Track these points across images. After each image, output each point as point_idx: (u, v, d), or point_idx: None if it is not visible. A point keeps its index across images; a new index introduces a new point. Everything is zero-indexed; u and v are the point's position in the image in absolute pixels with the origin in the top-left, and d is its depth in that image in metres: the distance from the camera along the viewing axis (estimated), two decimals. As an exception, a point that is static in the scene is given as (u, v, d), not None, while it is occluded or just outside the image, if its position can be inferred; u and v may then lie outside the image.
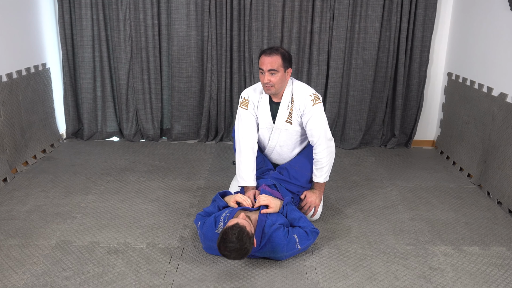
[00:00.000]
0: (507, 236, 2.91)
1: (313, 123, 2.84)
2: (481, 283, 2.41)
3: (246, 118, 2.92)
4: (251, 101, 2.92)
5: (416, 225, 3.02)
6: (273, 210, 2.65)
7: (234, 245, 2.28)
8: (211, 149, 4.47)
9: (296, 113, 2.88)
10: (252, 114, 2.93)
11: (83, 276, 2.39)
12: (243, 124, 2.92)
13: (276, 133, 2.96)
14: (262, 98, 2.92)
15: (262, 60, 2.75)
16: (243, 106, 2.93)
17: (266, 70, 2.73)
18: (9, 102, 3.65)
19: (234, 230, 2.30)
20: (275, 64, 2.73)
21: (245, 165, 2.88)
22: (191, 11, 4.31)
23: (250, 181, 2.87)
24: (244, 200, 2.69)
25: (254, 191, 2.84)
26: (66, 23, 4.31)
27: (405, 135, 4.68)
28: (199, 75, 4.52)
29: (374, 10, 4.25)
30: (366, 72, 4.40)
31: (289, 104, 2.88)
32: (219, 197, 2.80)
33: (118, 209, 3.14)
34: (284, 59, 2.76)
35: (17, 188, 3.44)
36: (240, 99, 2.97)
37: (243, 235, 2.29)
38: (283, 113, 2.90)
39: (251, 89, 2.98)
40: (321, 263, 2.55)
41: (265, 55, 2.75)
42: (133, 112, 4.59)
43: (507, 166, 3.28)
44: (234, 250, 2.29)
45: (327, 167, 2.92)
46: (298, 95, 2.87)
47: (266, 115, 2.93)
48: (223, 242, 2.30)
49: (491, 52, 3.64)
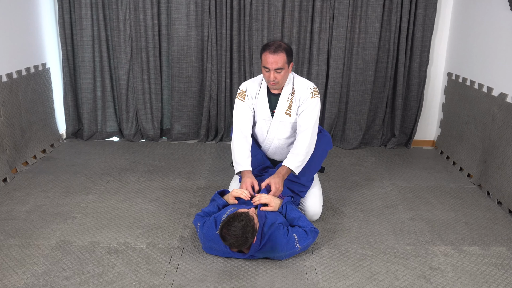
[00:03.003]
0: (507, 236, 2.91)
1: (306, 113, 2.88)
2: (481, 283, 2.41)
3: (242, 109, 2.96)
4: (249, 94, 2.95)
5: (416, 225, 3.02)
6: (273, 209, 2.66)
7: (237, 230, 2.32)
8: (211, 149, 4.47)
9: (296, 105, 2.91)
10: (248, 106, 2.96)
11: (83, 276, 2.39)
12: (238, 114, 2.97)
13: (274, 125, 2.97)
14: (260, 91, 2.94)
15: (267, 59, 2.75)
16: (240, 98, 2.97)
17: (272, 69, 2.75)
18: (9, 102, 3.65)
19: (242, 216, 2.36)
20: (280, 62, 2.75)
21: (239, 150, 2.91)
22: (191, 11, 4.31)
23: (245, 165, 2.87)
24: (240, 193, 2.71)
25: (251, 180, 2.79)
26: (66, 23, 4.31)
27: (405, 135, 4.68)
28: (199, 75, 4.52)
29: (374, 10, 4.25)
30: (366, 72, 4.40)
31: (289, 96, 2.91)
32: (218, 196, 2.81)
33: (118, 209, 3.14)
34: (288, 55, 2.79)
35: (17, 188, 3.44)
36: (238, 90, 3.01)
37: (248, 224, 2.35)
38: (282, 105, 2.92)
39: (250, 82, 3.01)
40: (321, 263, 2.55)
41: (269, 53, 2.75)
42: (133, 112, 4.59)
43: (507, 166, 3.28)
44: (235, 235, 2.33)
45: (302, 157, 2.87)
46: (299, 87, 2.91)
47: (264, 107, 2.95)
48: (227, 224, 2.34)
49: (491, 52, 3.64)
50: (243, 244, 2.38)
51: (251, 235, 2.37)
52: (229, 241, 2.36)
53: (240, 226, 2.33)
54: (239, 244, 2.37)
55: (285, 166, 2.87)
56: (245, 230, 2.34)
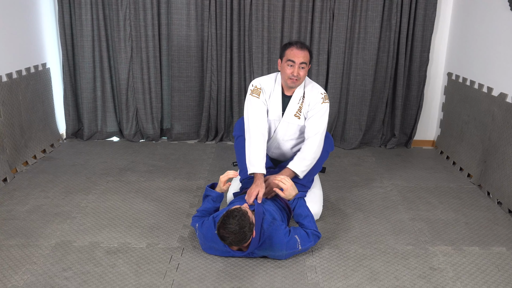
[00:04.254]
0: (507, 236, 2.91)
1: (315, 118, 2.90)
2: (481, 283, 2.41)
3: (257, 106, 2.91)
4: (264, 90, 2.93)
5: (416, 225, 3.02)
6: (285, 196, 2.67)
7: (234, 227, 2.31)
8: (211, 149, 4.47)
9: (305, 109, 2.93)
10: (263, 102, 2.93)
11: (83, 276, 2.39)
12: (254, 111, 2.90)
13: (283, 126, 2.97)
14: (274, 89, 2.93)
15: (294, 53, 2.78)
16: (255, 94, 2.92)
17: (298, 63, 2.77)
18: (9, 102, 3.65)
19: (236, 212, 2.35)
20: (306, 58, 2.79)
21: (255, 150, 2.83)
22: (191, 11, 4.31)
23: (260, 167, 2.80)
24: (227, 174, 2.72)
25: (258, 189, 2.70)
26: (66, 23, 4.31)
27: (405, 135, 4.68)
28: (199, 75, 4.52)
29: (374, 10, 4.25)
30: (366, 72, 4.40)
31: (300, 98, 2.92)
32: (210, 190, 2.82)
33: (118, 209, 3.14)
34: (310, 56, 2.86)
35: (17, 188, 3.44)
36: (250, 87, 2.96)
37: (244, 218, 2.33)
38: (293, 107, 2.92)
39: (264, 79, 2.98)
40: (321, 263, 2.55)
41: (297, 48, 2.79)
42: (133, 112, 4.59)
43: (507, 166, 3.28)
44: (233, 232, 2.32)
45: (309, 162, 2.89)
46: (310, 91, 2.93)
47: (277, 107, 2.94)
48: (223, 223, 2.34)
49: (491, 52, 3.64)
50: (242, 239, 2.36)
51: (248, 229, 2.35)
52: (228, 239, 2.35)
53: (235, 222, 2.32)
54: (238, 240, 2.35)
55: (290, 169, 2.88)
56: (242, 224, 2.32)
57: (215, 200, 2.79)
